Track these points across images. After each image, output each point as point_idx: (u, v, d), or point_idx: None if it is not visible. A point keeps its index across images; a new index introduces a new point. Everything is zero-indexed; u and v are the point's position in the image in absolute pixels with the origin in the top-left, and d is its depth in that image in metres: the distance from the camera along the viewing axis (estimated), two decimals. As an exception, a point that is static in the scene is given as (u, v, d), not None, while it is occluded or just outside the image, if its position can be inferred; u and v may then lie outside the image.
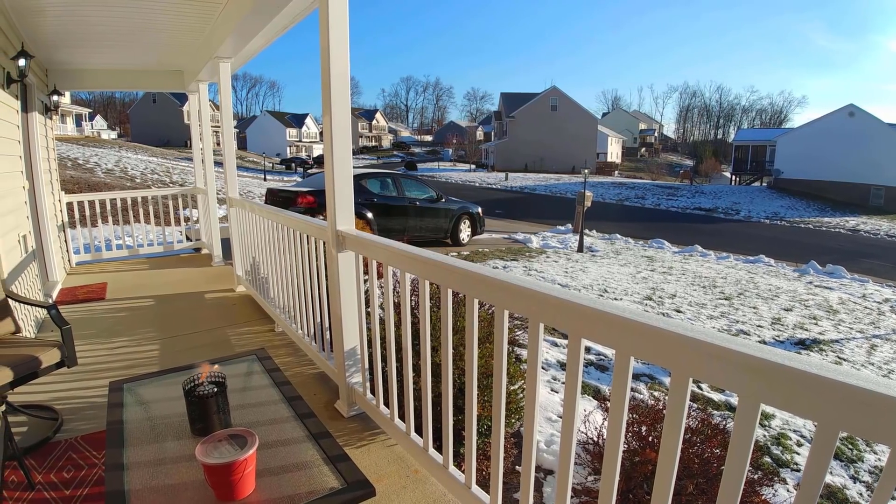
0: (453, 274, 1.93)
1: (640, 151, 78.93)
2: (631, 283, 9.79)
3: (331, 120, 2.58)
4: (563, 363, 5.28)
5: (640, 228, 19.80)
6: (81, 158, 27.56)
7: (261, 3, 3.44)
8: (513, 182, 39.88)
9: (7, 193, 3.90)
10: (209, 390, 1.73)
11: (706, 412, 3.59)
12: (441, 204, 12.03)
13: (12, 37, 4.14)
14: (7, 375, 2.48)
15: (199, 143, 7.37)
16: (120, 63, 6.81)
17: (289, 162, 53.14)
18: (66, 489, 2.31)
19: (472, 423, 1.91)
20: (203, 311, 4.96)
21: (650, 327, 1.23)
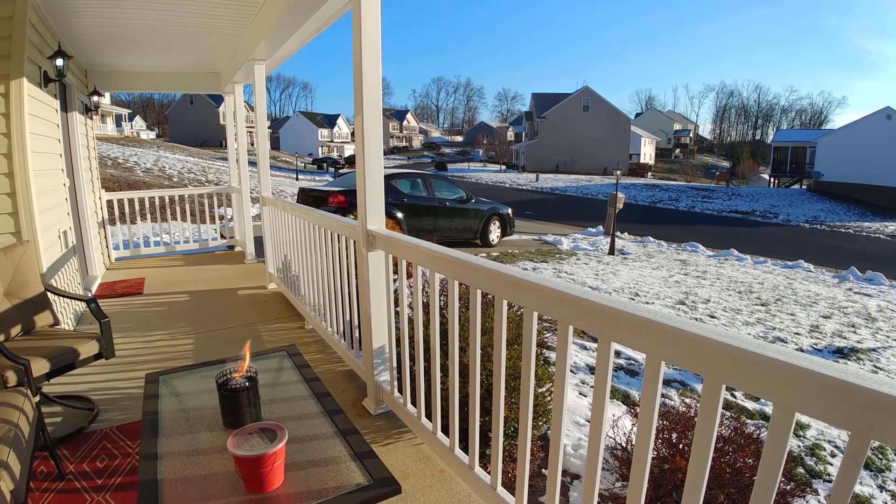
0: (482, 274, 1.93)
1: (674, 152, 77.24)
2: (663, 287, 9.61)
3: (362, 120, 2.61)
4: (592, 367, 5.21)
5: (673, 231, 19.41)
6: (121, 158, 28.45)
7: (294, 7, 3.50)
8: (543, 183, 39.60)
9: (47, 190, 4.05)
10: (241, 384, 1.76)
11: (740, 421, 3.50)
12: (471, 204, 12.01)
13: (48, 36, 4.29)
14: (43, 367, 2.58)
15: (234, 144, 7.53)
16: (158, 65, 7.02)
17: (320, 162, 53.85)
18: (97, 479, 2.38)
19: (499, 425, 1.90)
20: (236, 308, 5.07)
21: (682, 332, 1.21)
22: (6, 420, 1.91)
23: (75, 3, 4.11)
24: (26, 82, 3.40)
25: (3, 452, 1.72)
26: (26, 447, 1.93)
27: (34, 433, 2.10)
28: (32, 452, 2.04)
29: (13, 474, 1.69)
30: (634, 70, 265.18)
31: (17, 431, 1.88)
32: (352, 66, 2.62)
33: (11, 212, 3.41)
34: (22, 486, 1.75)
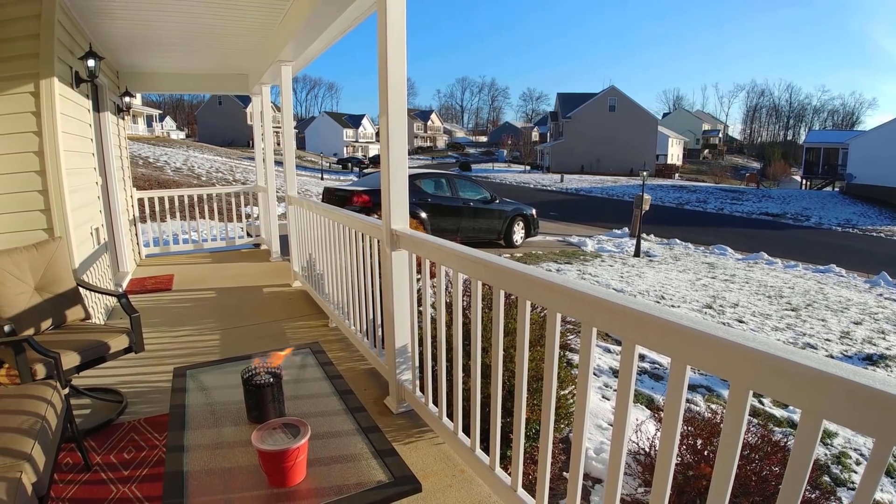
0: (506, 275, 1.92)
1: (702, 153, 75.73)
2: (690, 290, 9.45)
3: (387, 121, 2.62)
4: (616, 370, 5.16)
5: (701, 233, 19.06)
6: (152, 157, 29.13)
7: (321, 9, 3.54)
8: (568, 184, 39.27)
9: (80, 188, 4.16)
10: (266, 380, 1.79)
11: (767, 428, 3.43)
12: (495, 205, 11.98)
13: (78, 37, 4.41)
14: (74, 360, 2.65)
15: (261, 144, 7.64)
16: (188, 67, 7.17)
17: (345, 162, 54.31)
18: (124, 470, 2.44)
19: (521, 426, 1.90)
20: (261, 305, 5.15)
21: (709, 336, 1.19)
22: (33, 412, 1.97)
23: (105, 4, 4.21)
24: (57, 82, 3.50)
25: (28, 445, 1.77)
26: (52, 439, 1.98)
27: (62, 425, 2.15)
28: (59, 444, 2.09)
29: (37, 467, 1.74)
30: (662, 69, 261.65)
31: (43, 423, 1.94)
32: (377, 67, 2.64)
33: (43, 209, 3.52)
34: (45, 479, 1.79)
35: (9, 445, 1.73)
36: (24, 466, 1.67)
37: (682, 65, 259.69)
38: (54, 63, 3.44)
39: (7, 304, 2.81)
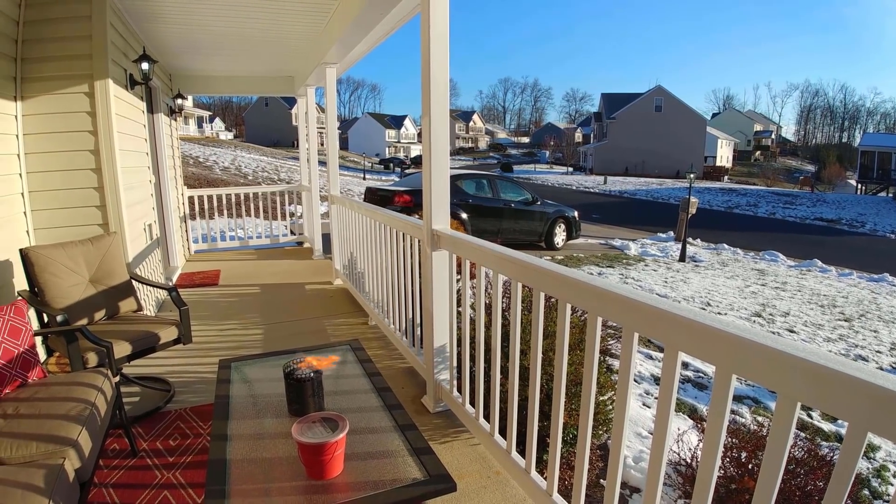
0: (546, 277, 1.90)
1: (754, 155, 72.92)
2: (738, 297, 9.14)
3: (429, 122, 2.64)
4: (658, 377, 5.04)
5: (751, 239, 18.36)
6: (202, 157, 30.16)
7: (365, 11, 3.59)
8: (612, 186, 38.53)
9: (135, 186, 4.35)
10: (307, 375, 1.83)
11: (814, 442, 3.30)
12: (536, 206, 11.86)
13: (132, 41, 4.60)
14: (125, 349, 2.77)
15: (305, 144, 7.80)
16: (236, 69, 7.40)
17: (387, 162, 54.87)
18: (169, 456, 2.53)
19: (558, 431, 1.87)
20: (303, 301, 5.26)
21: (756, 344, 1.15)
22: (83, 399, 2.06)
23: (156, 9, 4.38)
24: (112, 83, 3.66)
25: (75, 431, 1.85)
26: (101, 425, 2.07)
27: (111, 412, 2.25)
28: (107, 430, 2.19)
29: (82, 453, 1.82)
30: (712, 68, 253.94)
31: (93, 410, 2.03)
32: (420, 68, 2.66)
33: (99, 205, 3.69)
34: (90, 465, 1.87)
35: (55, 432, 1.82)
36: (68, 452, 1.75)
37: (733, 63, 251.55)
38: (108, 65, 3.59)
39: (61, 295, 2.96)
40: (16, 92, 3.38)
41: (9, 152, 3.32)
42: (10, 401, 2.05)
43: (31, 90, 3.45)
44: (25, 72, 3.41)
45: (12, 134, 3.35)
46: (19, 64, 3.39)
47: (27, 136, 3.45)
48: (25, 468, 1.64)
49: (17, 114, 3.40)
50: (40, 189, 3.53)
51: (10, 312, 2.22)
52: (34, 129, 3.47)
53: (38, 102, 3.47)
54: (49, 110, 3.49)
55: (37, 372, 2.28)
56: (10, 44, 3.29)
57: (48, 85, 3.48)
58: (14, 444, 1.76)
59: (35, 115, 3.46)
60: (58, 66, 3.49)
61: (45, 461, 1.69)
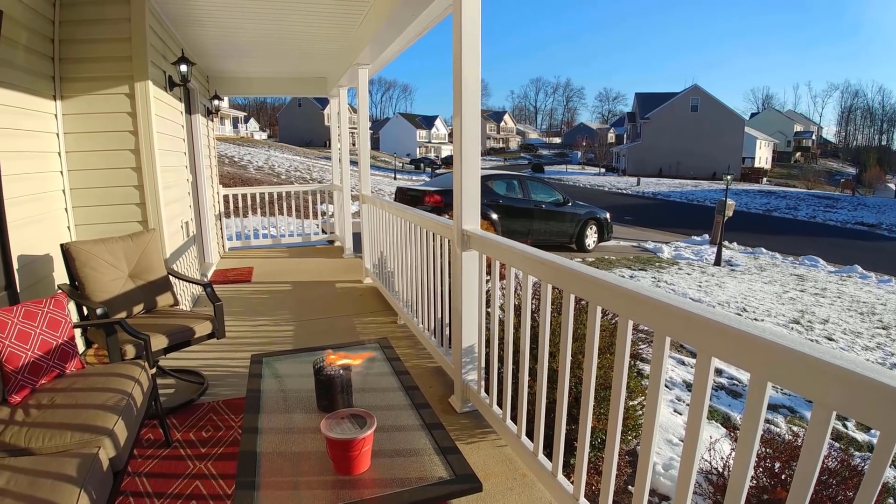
0: (577, 279, 1.88)
1: (794, 156, 70.54)
2: (776, 303, 8.88)
3: (460, 122, 2.64)
4: (689, 383, 4.93)
5: (790, 243, 17.81)
6: (237, 156, 30.83)
7: (397, 13, 3.61)
8: (645, 187, 37.89)
9: (173, 184, 4.47)
10: (336, 372, 1.85)
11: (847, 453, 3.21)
12: (567, 208, 11.74)
13: (171, 43, 4.73)
14: (162, 342, 2.85)
15: (338, 144, 7.90)
16: (271, 71, 7.54)
17: (418, 162, 55.12)
18: (201, 447, 2.59)
19: (586, 435, 1.85)
20: (333, 299, 5.32)
21: (792, 351, 1.11)
22: (121, 390, 2.12)
23: (194, 12, 4.50)
24: (151, 85, 3.76)
25: (111, 420, 1.91)
26: (137, 416, 2.13)
27: (147, 403, 2.32)
28: (142, 420, 2.25)
29: (117, 442, 1.87)
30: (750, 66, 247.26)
31: (129, 401, 2.09)
32: (451, 69, 2.66)
33: (139, 202, 3.81)
34: (124, 454, 1.92)
35: (91, 421, 1.88)
36: (103, 441, 1.81)
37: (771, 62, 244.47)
38: (148, 66, 3.70)
39: (101, 289, 3.06)
40: (55, 91, 3.50)
41: (50, 150, 3.44)
42: (47, 391, 2.12)
43: (71, 90, 3.57)
44: (64, 72, 3.54)
45: (53, 132, 3.48)
46: (57, 63, 3.51)
47: (68, 135, 3.58)
48: (58, 458, 1.69)
49: (58, 113, 3.52)
50: (81, 186, 3.66)
51: (50, 305, 2.30)
52: (74, 129, 3.59)
53: (79, 102, 3.59)
54: (90, 110, 3.61)
55: (75, 363, 2.36)
56: (47, 43, 3.40)
57: (88, 85, 3.60)
58: (47, 434, 1.81)
59: (75, 115, 3.58)
60: (98, 68, 3.60)
61: (79, 450, 1.75)
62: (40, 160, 3.34)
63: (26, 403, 2.03)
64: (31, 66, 3.18)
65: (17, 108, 3.03)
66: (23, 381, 2.08)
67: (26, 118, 3.15)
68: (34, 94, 3.24)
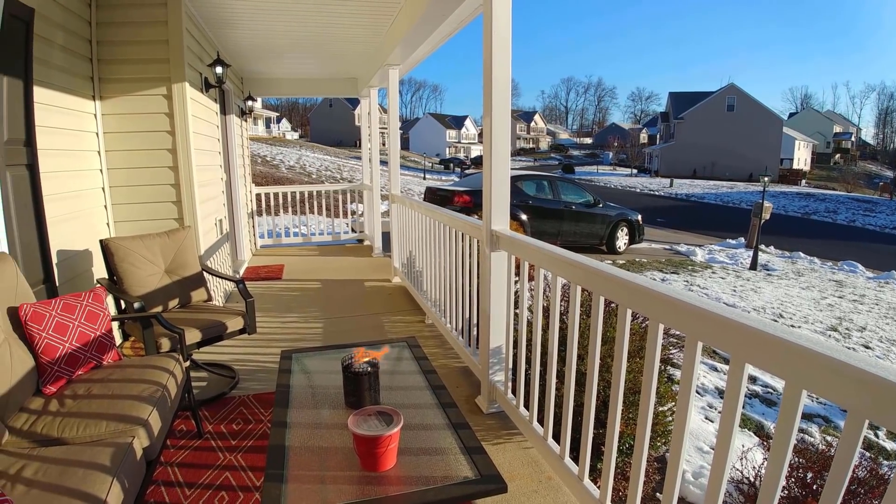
0: (607, 281, 1.86)
1: (833, 158, 68.11)
2: (813, 309, 8.61)
3: (490, 122, 2.63)
4: (722, 390, 4.82)
5: (829, 247, 17.24)
6: (269, 156, 31.40)
7: (427, 13, 3.62)
8: (678, 189, 37.12)
9: (208, 183, 4.58)
10: (364, 369, 1.87)
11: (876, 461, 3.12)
12: (598, 209, 11.60)
13: (207, 46, 4.84)
14: (196, 336, 2.92)
15: (368, 144, 7.97)
16: (304, 72, 7.65)
17: (447, 162, 55.20)
18: (232, 439, 2.65)
19: (613, 439, 1.83)
20: (362, 298, 5.37)
21: (829, 358, 1.08)
22: (156, 382, 2.18)
23: (229, 15, 4.59)
24: (188, 86, 3.86)
25: (146, 411, 1.96)
26: (171, 407, 2.18)
27: (180, 395, 2.37)
28: (176, 412, 2.31)
29: (151, 432, 1.92)
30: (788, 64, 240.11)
31: (164, 392, 2.15)
32: (481, 68, 2.66)
33: (175, 200, 3.91)
34: (158, 444, 1.98)
35: (126, 411, 1.93)
36: (137, 431, 1.86)
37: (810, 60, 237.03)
38: (185, 68, 3.79)
39: (138, 283, 3.16)
40: (94, 92, 3.62)
41: (89, 149, 3.56)
42: (83, 382, 2.19)
43: (110, 91, 3.68)
44: (103, 72, 3.65)
45: (92, 132, 3.60)
46: (96, 64, 3.62)
47: (107, 135, 3.70)
48: (91, 447, 1.73)
49: (97, 112, 3.64)
50: (120, 185, 3.77)
51: (89, 298, 2.37)
52: (113, 128, 3.71)
53: (117, 103, 3.70)
54: (128, 111, 3.73)
55: (112, 355, 2.43)
56: (85, 44, 3.51)
57: (127, 86, 3.71)
58: (82, 423, 1.86)
59: (114, 115, 3.70)
60: (136, 69, 3.71)
61: (113, 440, 1.79)
62: (81, 158, 3.46)
63: (62, 394, 2.10)
64: (69, 66, 3.29)
65: (58, 108, 3.14)
66: (59, 371, 2.16)
67: (67, 117, 3.27)
68: (74, 93, 3.35)
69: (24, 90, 2.70)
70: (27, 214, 2.72)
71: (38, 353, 2.11)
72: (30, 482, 1.55)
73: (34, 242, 2.77)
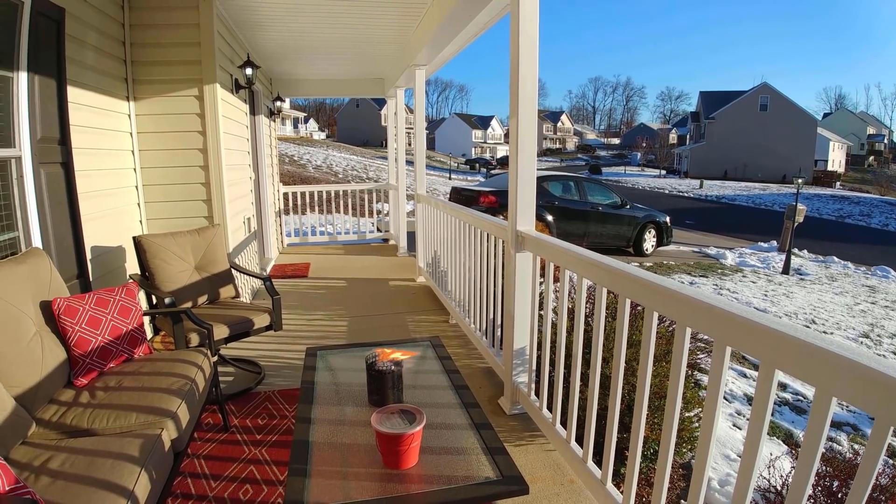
0: (634, 283, 1.84)
1: (866, 160, 65.78)
2: (846, 315, 8.37)
3: (517, 122, 2.62)
4: (750, 396, 4.72)
5: (863, 252, 16.69)
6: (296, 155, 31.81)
7: (455, 13, 3.63)
8: (708, 190, 36.36)
9: (237, 182, 4.67)
10: (387, 367, 1.88)
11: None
12: (625, 210, 11.44)
13: (237, 48, 4.93)
14: (224, 332, 2.98)
15: (394, 144, 8.01)
16: (331, 73, 7.74)
17: (473, 162, 55.14)
18: (257, 434, 2.69)
19: (638, 444, 1.81)
20: (387, 297, 5.40)
21: (860, 365, 1.05)
22: (184, 375, 2.23)
23: (259, 18, 4.67)
24: (219, 88, 3.94)
25: (175, 404, 2.00)
26: (199, 400, 2.23)
27: (208, 388, 2.42)
28: (203, 405, 2.35)
29: (179, 424, 1.96)
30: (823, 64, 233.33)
31: (192, 386, 2.19)
32: (508, 69, 2.65)
33: (205, 199, 3.99)
34: (186, 436, 2.02)
35: (156, 404, 1.98)
36: (166, 423, 1.90)
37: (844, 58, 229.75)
38: (216, 70, 3.86)
39: (169, 280, 3.23)
40: (128, 93, 3.72)
41: (124, 148, 3.66)
42: (114, 374, 2.25)
43: (143, 92, 3.78)
44: (136, 74, 3.75)
45: (126, 132, 3.70)
46: (129, 66, 3.72)
47: (140, 135, 3.80)
48: (120, 438, 1.78)
49: (131, 113, 3.74)
50: (152, 183, 3.87)
51: (122, 293, 2.44)
52: (147, 128, 3.81)
53: (151, 103, 3.80)
54: (161, 111, 3.82)
55: (143, 348, 2.50)
56: (119, 45, 3.61)
57: (159, 87, 3.81)
58: (112, 414, 1.91)
59: (147, 115, 3.80)
60: (168, 71, 3.80)
61: (142, 431, 1.84)
62: (116, 158, 3.56)
63: (93, 385, 2.16)
64: (104, 67, 3.38)
65: (94, 108, 3.24)
66: (91, 364, 2.22)
67: (103, 117, 3.37)
68: (109, 94, 3.45)
69: (57, 90, 2.77)
70: (62, 211, 2.80)
71: (71, 346, 2.17)
72: (55, 473, 1.58)
73: (69, 238, 2.86)
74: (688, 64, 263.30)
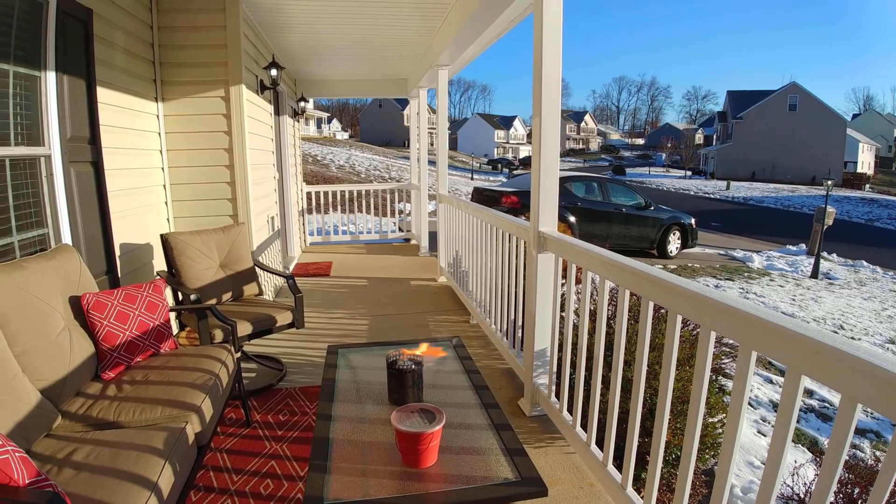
0: (657, 286, 1.82)
1: (895, 163, 63.79)
2: (874, 321, 8.14)
3: (540, 123, 2.61)
4: (776, 403, 4.62)
5: (891, 256, 16.23)
6: (319, 155, 32.10)
7: (478, 13, 3.63)
8: (735, 192, 35.67)
9: (262, 181, 4.73)
10: (408, 366, 1.89)
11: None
12: (649, 212, 11.27)
13: (262, 49, 4.99)
14: (247, 329, 3.02)
15: (416, 144, 8.04)
16: (354, 74, 7.80)
17: (495, 163, 55.02)
18: (278, 430, 2.73)
19: (659, 449, 1.78)
20: (408, 296, 5.42)
21: (887, 371, 1.03)
22: (209, 371, 2.27)
23: (284, 19, 4.72)
24: (245, 88, 4.00)
25: (199, 398, 2.04)
26: (222, 395, 2.27)
27: (231, 384, 2.46)
28: (226, 401, 2.39)
29: (203, 418, 2.00)
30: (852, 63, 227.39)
31: (216, 381, 2.23)
32: (531, 69, 2.64)
33: (230, 198, 4.06)
34: (209, 430, 2.05)
35: (181, 398, 2.02)
36: (191, 417, 1.94)
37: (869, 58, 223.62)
38: (242, 71, 3.93)
39: (195, 277, 3.29)
40: (156, 94, 3.80)
41: (152, 148, 3.74)
42: (141, 368, 2.30)
43: (171, 93, 3.86)
44: (164, 75, 3.83)
45: (155, 132, 3.78)
46: (158, 67, 3.80)
47: (168, 135, 3.88)
48: (145, 430, 1.81)
49: (159, 113, 3.82)
50: (179, 182, 3.95)
51: (149, 290, 2.49)
52: (174, 129, 3.89)
53: (178, 104, 3.88)
54: (188, 112, 3.90)
55: (169, 343, 2.55)
56: (147, 47, 3.69)
57: (187, 89, 3.88)
58: (138, 407, 1.96)
59: (175, 116, 3.88)
60: (195, 72, 3.88)
61: (167, 424, 1.87)
62: (145, 157, 3.64)
63: (120, 379, 2.21)
64: (133, 68, 3.46)
65: (123, 108, 3.31)
66: (118, 358, 2.27)
67: (132, 118, 3.45)
68: (138, 95, 3.53)
69: (87, 89, 2.83)
70: (91, 209, 2.87)
71: (99, 340, 2.23)
72: (79, 465, 1.60)
73: (98, 235, 2.93)
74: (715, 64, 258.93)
